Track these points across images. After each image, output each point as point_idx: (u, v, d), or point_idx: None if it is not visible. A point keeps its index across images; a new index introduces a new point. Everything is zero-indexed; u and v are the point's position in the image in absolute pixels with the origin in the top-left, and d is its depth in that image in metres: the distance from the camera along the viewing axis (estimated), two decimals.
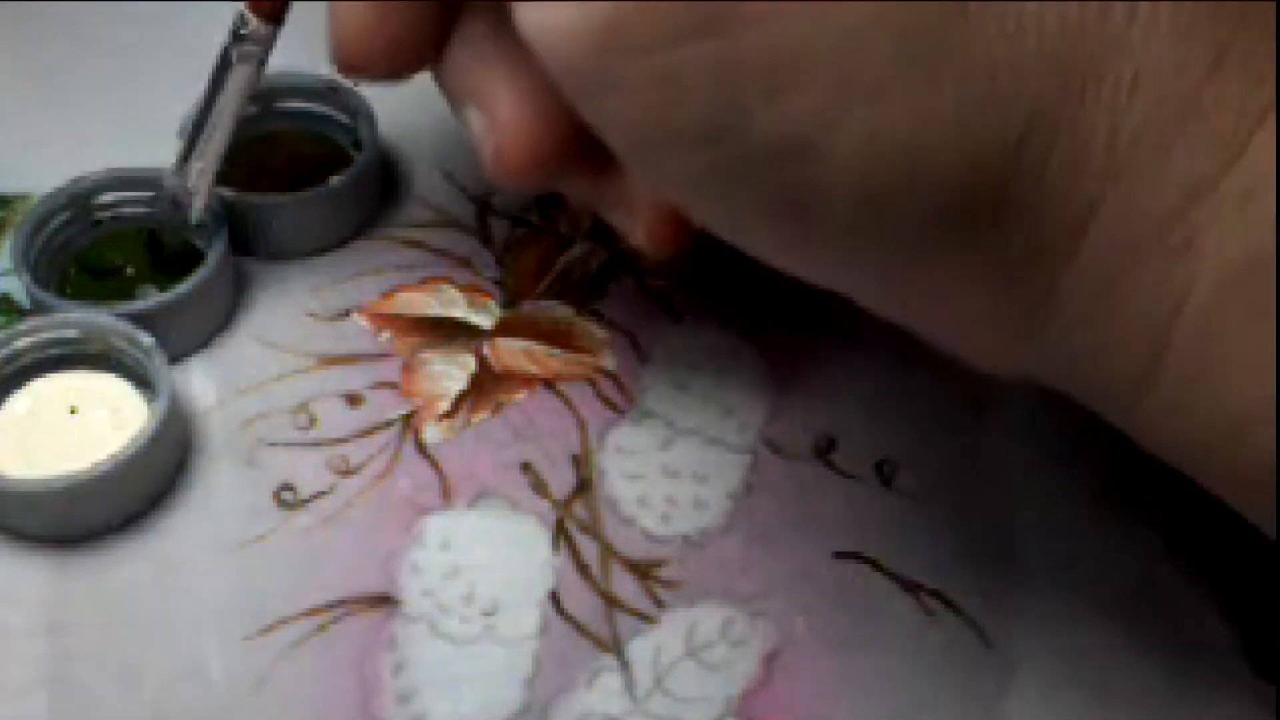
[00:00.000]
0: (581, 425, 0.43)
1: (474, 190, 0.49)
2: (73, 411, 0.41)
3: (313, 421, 0.42)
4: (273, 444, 0.42)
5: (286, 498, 0.41)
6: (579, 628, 0.38)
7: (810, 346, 0.44)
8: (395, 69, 0.35)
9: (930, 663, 0.38)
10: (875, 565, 0.40)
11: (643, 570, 0.39)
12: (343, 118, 0.48)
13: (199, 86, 0.41)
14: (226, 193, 0.45)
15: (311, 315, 0.45)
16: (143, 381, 0.41)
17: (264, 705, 0.36)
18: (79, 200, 0.45)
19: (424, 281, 0.46)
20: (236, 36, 0.39)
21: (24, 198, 0.47)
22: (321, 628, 0.38)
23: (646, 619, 0.38)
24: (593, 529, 0.40)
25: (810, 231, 0.29)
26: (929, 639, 0.38)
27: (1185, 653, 0.38)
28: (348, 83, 0.47)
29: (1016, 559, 0.40)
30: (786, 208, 0.29)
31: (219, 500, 0.40)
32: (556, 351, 0.44)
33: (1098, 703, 0.37)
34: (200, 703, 0.36)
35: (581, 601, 0.39)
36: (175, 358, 0.43)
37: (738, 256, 0.31)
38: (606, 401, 0.43)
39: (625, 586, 0.39)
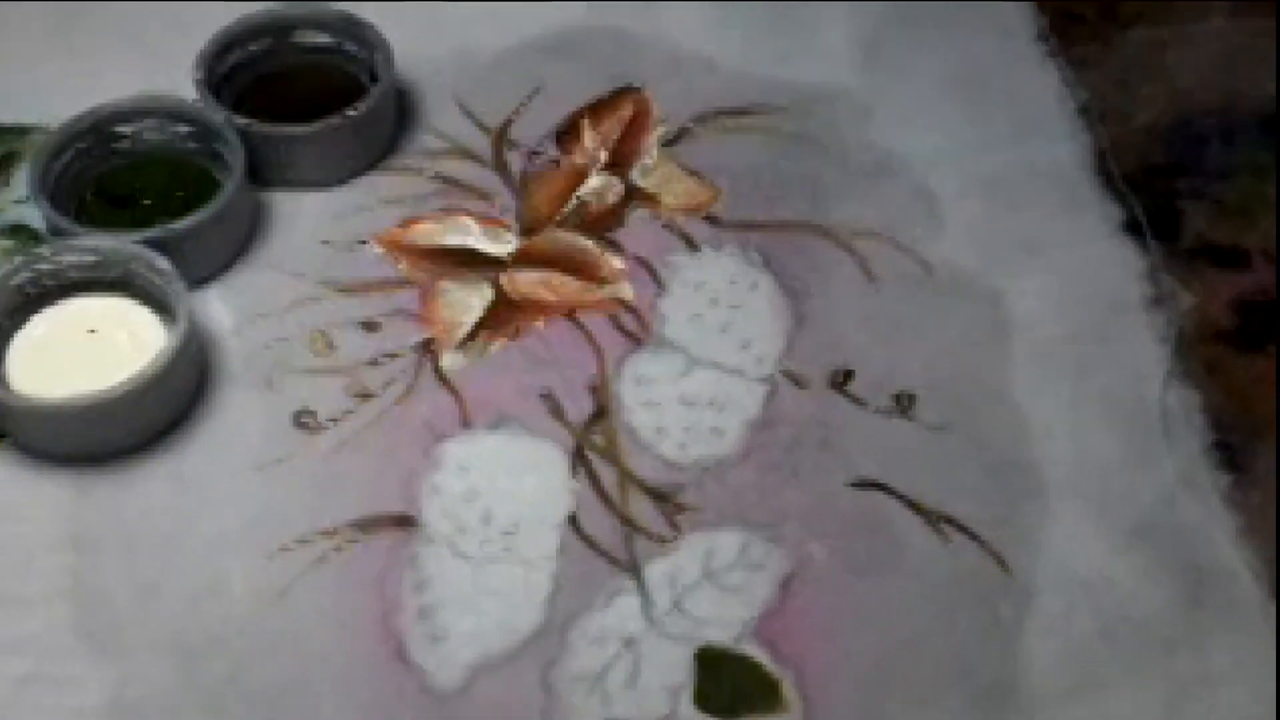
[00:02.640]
0: (599, 354, 0.43)
1: (490, 122, 0.48)
2: (92, 334, 0.41)
3: (330, 347, 0.42)
4: (291, 369, 0.42)
5: (305, 421, 0.41)
6: (597, 549, 0.38)
7: (828, 279, 0.44)
8: None
9: (947, 590, 0.38)
10: (892, 493, 0.40)
11: (660, 495, 0.39)
12: (359, 50, 0.48)
13: (214, 20, 0.40)
14: (245, 122, 0.45)
15: (328, 244, 0.45)
16: (161, 307, 0.41)
17: (284, 622, 0.36)
18: (98, 128, 0.45)
19: (440, 212, 0.46)
20: None
21: (40, 128, 0.47)
22: (341, 547, 0.38)
23: (664, 542, 0.38)
24: (611, 455, 0.40)
25: None
26: (946, 566, 0.38)
27: (1201, 581, 0.38)
28: (364, 16, 0.47)
29: (1036, 489, 0.40)
30: None
31: (238, 423, 0.41)
32: (574, 281, 0.44)
33: (1113, 631, 0.37)
34: (221, 618, 0.37)
35: (600, 524, 0.39)
36: (194, 284, 0.43)
37: (758, 190, 0.31)
38: (624, 331, 0.43)
39: (643, 510, 0.39)
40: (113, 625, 0.36)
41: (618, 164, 0.47)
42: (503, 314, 0.43)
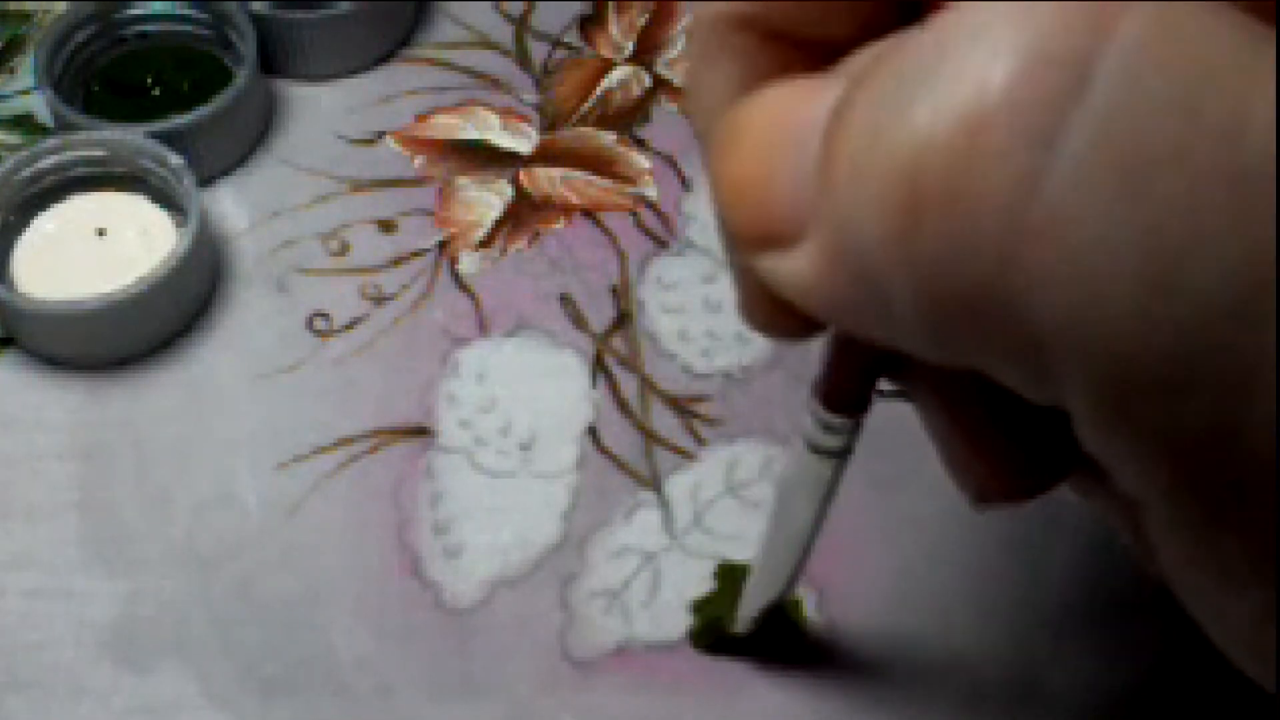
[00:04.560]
0: (621, 256, 0.41)
1: (512, 10, 0.47)
2: (101, 233, 0.40)
3: (345, 248, 0.41)
4: (304, 270, 0.41)
5: (319, 325, 0.40)
6: (617, 462, 0.37)
7: None
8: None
9: (971, 509, 0.37)
10: None
11: (683, 406, 0.38)
12: None
13: None
14: (258, 8, 0.43)
15: (343, 138, 0.44)
16: (171, 204, 0.40)
17: (297, 532, 0.36)
18: (105, 14, 0.44)
19: (459, 104, 0.44)
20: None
21: (46, 10, 0.45)
22: (356, 457, 0.37)
23: (686, 455, 0.38)
24: (632, 363, 0.39)
25: None
26: None
27: None
28: None
29: None
30: None
31: (251, 327, 0.40)
32: (596, 179, 0.43)
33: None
34: (232, 529, 0.36)
35: (620, 436, 0.38)
36: (205, 181, 0.41)
37: None
38: (647, 232, 0.42)
39: (665, 422, 0.38)
40: (122, 537, 0.36)
41: (643, 54, 0.46)
42: (523, 213, 0.42)
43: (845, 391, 0.26)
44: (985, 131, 0.18)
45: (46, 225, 0.40)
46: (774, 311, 0.24)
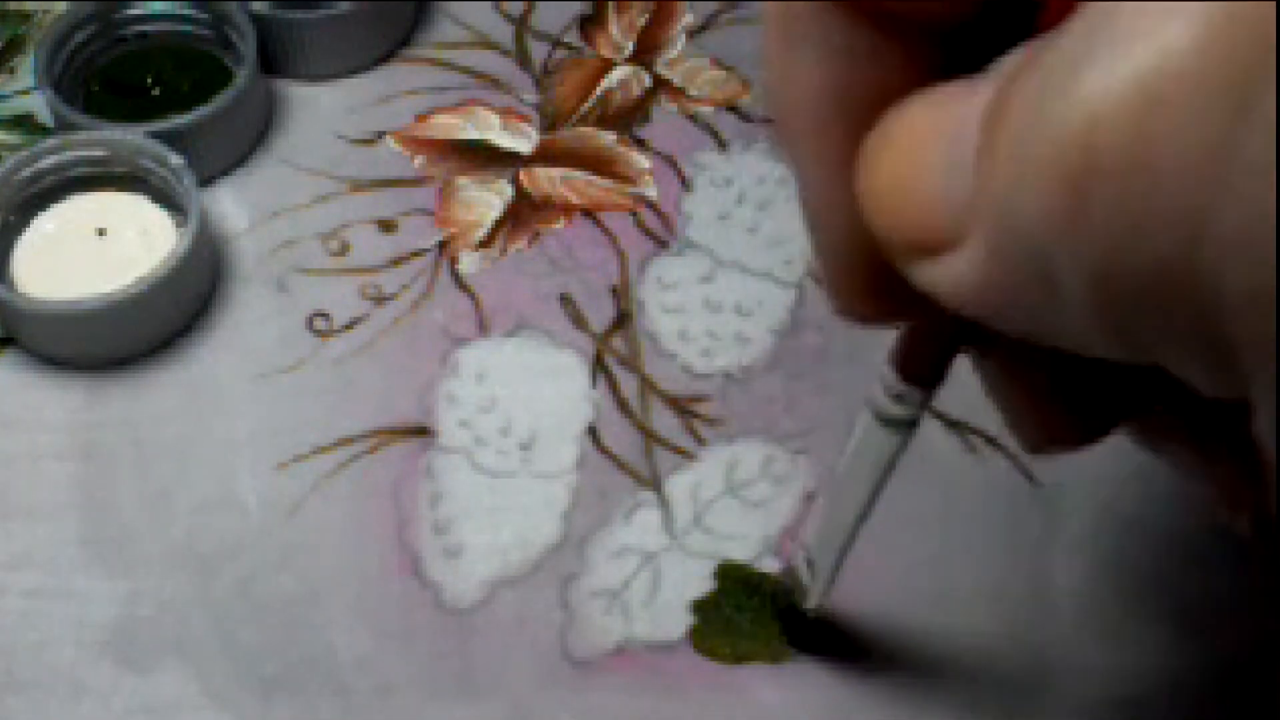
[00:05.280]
0: (621, 256, 0.41)
1: (512, 10, 0.47)
2: (101, 233, 0.40)
3: (345, 248, 0.41)
4: (304, 270, 0.41)
5: (319, 325, 0.40)
6: (617, 462, 0.37)
7: None
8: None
9: (975, 504, 0.37)
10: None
11: (683, 406, 0.38)
12: None
13: None
14: (258, 8, 0.43)
15: (343, 138, 0.44)
16: (171, 203, 0.40)
17: (297, 533, 0.36)
18: (105, 14, 0.44)
19: (459, 104, 0.44)
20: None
21: (46, 10, 0.45)
22: (355, 457, 0.37)
23: (686, 455, 0.38)
24: (632, 363, 0.39)
25: None
26: (973, 479, 0.37)
27: None
28: None
29: None
30: None
31: (251, 327, 0.40)
32: (596, 179, 0.43)
33: (1138, 547, 0.36)
34: (232, 529, 0.36)
35: (620, 436, 0.38)
36: (205, 181, 0.41)
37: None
38: (647, 232, 0.42)
39: (665, 422, 0.38)
40: (122, 537, 0.36)
41: (643, 54, 0.46)
42: (522, 213, 0.42)
43: (923, 361, 0.26)
44: (1172, 94, 0.16)
45: (46, 225, 0.40)
46: (866, 294, 0.24)
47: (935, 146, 0.20)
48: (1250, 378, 0.17)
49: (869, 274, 0.24)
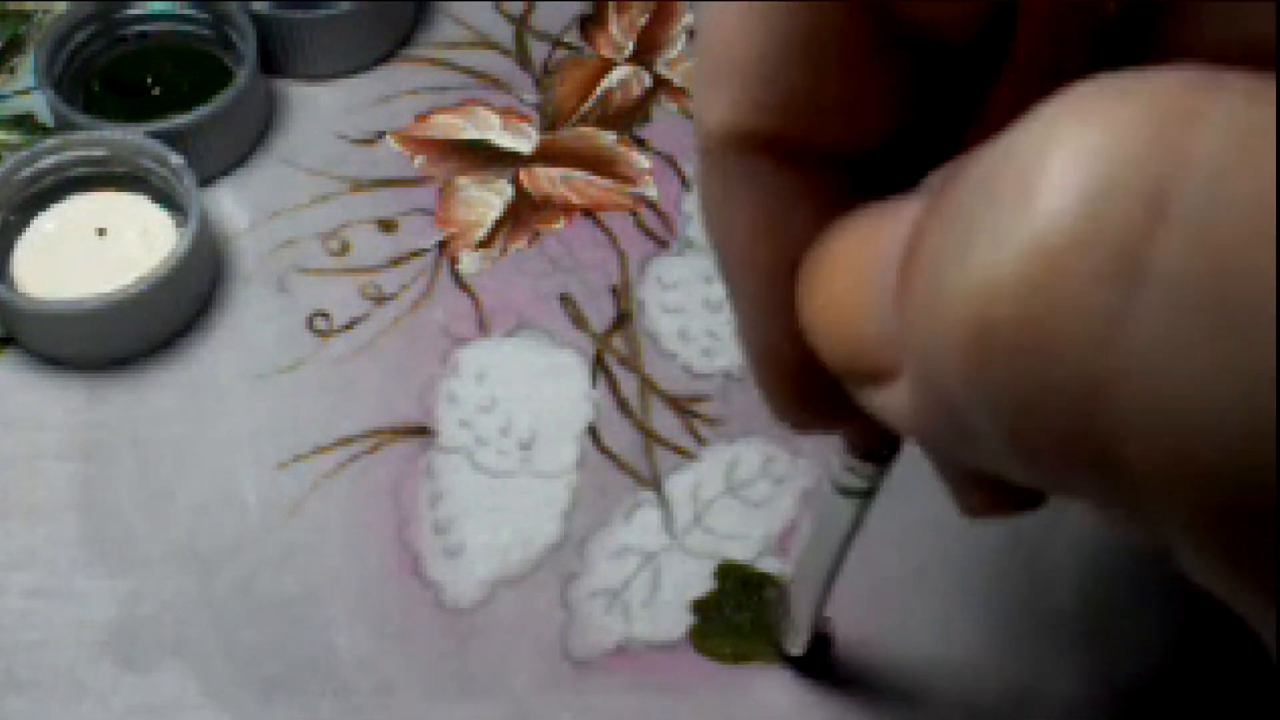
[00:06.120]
0: (622, 256, 0.41)
1: (513, 9, 0.47)
2: (101, 233, 0.40)
3: (345, 247, 0.41)
4: (305, 270, 0.41)
5: (320, 325, 0.40)
6: (617, 462, 0.37)
7: None
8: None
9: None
10: None
11: (683, 406, 0.38)
12: None
13: None
14: (258, 8, 0.43)
15: (343, 138, 0.44)
16: (171, 203, 0.40)
17: (297, 532, 0.36)
18: (105, 14, 0.44)
19: (460, 104, 0.44)
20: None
21: (46, 10, 0.45)
22: (356, 456, 0.37)
23: (686, 454, 0.38)
24: (632, 362, 0.39)
25: None
26: None
27: None
28: None
29: None
30: None
31: (251, 326, 0.40)
32: (596, 179, 0.43)
33: (1135, 547, 0.36)
34: (233, 529, 0.36)
35: (620, 436, 0.38)
36: (205, 180, 0.41)
37: None
38: (648, 231, 0.42)
39: (665, 421, 0.38)
40: (122, 537, 0.36)
41: (644, 54, 0.46)
42: (523, 213, 0.42)
43: (871, 442, 0.27)
44: (1056, 273, 0.16)
45: (46, 225, 0.40)
46: (802, 411, 0.24)
47: (866, 274, 0.20)
48: (1164, 527, 0.18)
49: (806, 395, 0.24)
